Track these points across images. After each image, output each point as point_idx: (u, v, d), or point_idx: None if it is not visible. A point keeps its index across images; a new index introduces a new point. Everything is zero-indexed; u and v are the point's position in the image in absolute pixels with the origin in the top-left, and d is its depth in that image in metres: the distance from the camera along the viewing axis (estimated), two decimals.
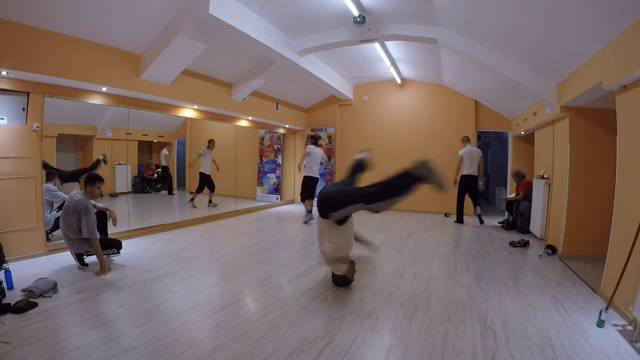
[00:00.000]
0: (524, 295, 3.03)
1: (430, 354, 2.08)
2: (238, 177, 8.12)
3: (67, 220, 3.33)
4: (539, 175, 5.15)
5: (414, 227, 6.07)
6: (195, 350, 2.06)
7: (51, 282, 2.83)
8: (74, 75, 3.86)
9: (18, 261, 3.53)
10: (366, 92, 8.41)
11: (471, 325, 2.44)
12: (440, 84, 7.66)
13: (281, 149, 8.96)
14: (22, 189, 3.68)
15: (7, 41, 3.30)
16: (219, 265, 3.75)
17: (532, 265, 3.97)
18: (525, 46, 3.92)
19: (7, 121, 3.59)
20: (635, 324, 2.31)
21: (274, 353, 2.05)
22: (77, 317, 2.45)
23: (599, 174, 3.95)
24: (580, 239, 4.08)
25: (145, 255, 4.02)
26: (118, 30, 4.01)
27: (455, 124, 7.64)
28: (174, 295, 2.87)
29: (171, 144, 7.74)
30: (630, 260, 2.44)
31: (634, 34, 2.50)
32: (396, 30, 4.64)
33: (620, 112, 2.87)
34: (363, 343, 2.19)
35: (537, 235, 5.19)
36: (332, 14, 4.47)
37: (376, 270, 3.64)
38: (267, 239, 5.10)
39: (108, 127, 5.74)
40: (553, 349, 2.13)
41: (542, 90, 4.30)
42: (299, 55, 5.36)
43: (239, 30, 4.03)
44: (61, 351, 2.00)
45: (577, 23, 2.98)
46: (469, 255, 4.33)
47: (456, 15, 4.05)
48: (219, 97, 6.17)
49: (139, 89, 4.62)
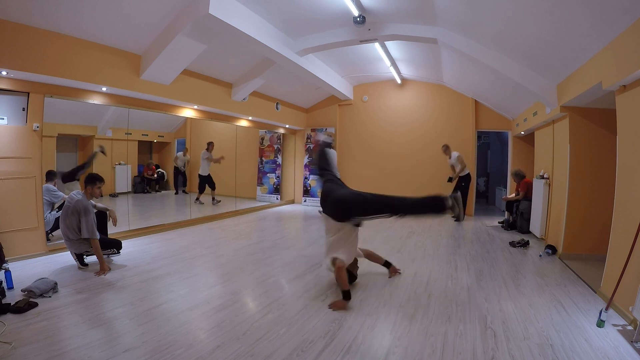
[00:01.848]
0: (524, 295, 3.03)
1: (430, 354, 2.08)
2: (238, 177, 8.13)
3: (67, 220, 3.33)
4: (539, 175, 5.15)
5: (414, 227, 6.07)
6: (195, 350, 2.06)
7: (51, 282, 2.83)
8: (74, 75, 3.86)
9: (18, 261, 3.53)
10: (366, 92, 8.41)
11: (471, 325, 2.44)
12: (440, 84, 7.66)
13: (281, 149, 8.96)
14: (22, 189, 3.68)
15: (7, 41, 3.30)
16: (219, 265, 3.75)
17: (532, 265, 3.97)
18: (525, 46, 3.92)
19: (7, 121, 3.59)
20: (635, 324, 2.31)
21: (274, 353, 2.05)
22: (77, 317, 2.45)
23: (599, 174, 3.95)
24: (580, 239, 4.08)
25: (145, 255, 4.02)
26: (118, 30, 4.01)
27: (455, 124, 7.64)
28: (174, 295, 2.87)
29: (188, 149, 7.79)
30: (630, 260, 2.44)
31: (634, 34, 2.50)
32: (396, 30, 4.63)
33: (620, 112, 2.86)
34: (363, 343, 2.19)
35: (537, 235, 5.19)
36: (332, 14, 4.47)
37: (376, 270, 3.64)
38: (267, 239, 5.10)
39: (108, 127, 5.74)
40: (553, 349, 2.13)
41: (542, 90, 4.30)
42: (299, 55, 5.36)
43: (239, 30, 4.03)
44: (61, 351, 2.00)
45: (577, 23, 2.97)
46: (469, 255, 4.33)
47: (456, 15, 4.05)
48: (219, 97, 6.16)
49: (139, 89, 4.62)
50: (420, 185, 7.88)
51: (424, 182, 7.86)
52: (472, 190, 7.55)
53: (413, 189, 7.94)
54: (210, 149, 7.28)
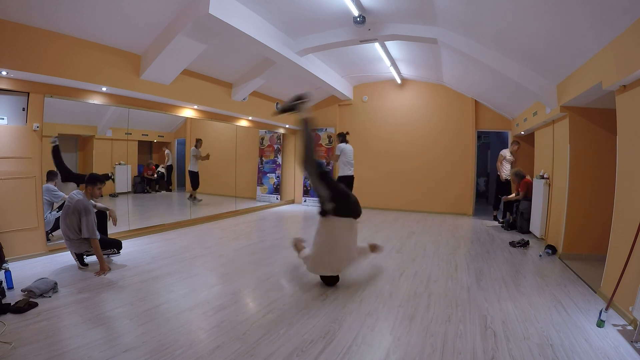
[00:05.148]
0: (524, 295, 3.03)
1: (430, 354, 2.08)
2: (238, 177, 8.12)
3: (67, 220, 3.33)
4: (539, 175, 5.15)
5: (414, 227, 6.07)
6: (195, 350, 2.06)
7: (51, 282, 2.83)
8: (74, 75, 3.86)
9: (18, 261, 3.53)
10: (366, 92, 8.41)
11: (471, 325, 2.44)
12: (440, 84, 7.66)
13: (281, 149, 8.96)
14: (22, 189, 3.68)
15: (7, 41, 3.31)
16: (219, 265, 3.75)
17: (532, 265, 3.97)
18: (525, 46, 3.92)
19: (7, 121, 3.59)
20: (635, 324, 2.31)
21: (274, 353, 2.05)
22: (77, 317, 2.44)
23: (599, 174, 3.94)
24: (580, 239, 4.08)
25: (145, 255, 4.02)
26: (118, 30, 4.01)
27: (455, 124, 7.64)
28: (174, 295, 2.87)
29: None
30: (630, 260, 2.44)
31: (634, 34, 2.50)
32: (396, 30, 4.63)
33: (620, 112, 2.86)
34: (363, 343, 2.19)
35: (537, 235, 5.19)
36: (332, 14, 4.47)
37: (376, 270, 3.64)
38: (267, 239, 5.10)
39: (108, 127, 5.74)
40: (553, 349, 2.13)
41: (542, 90, 4.30)
42: (299, 55, 5.36)
43: (238, 30, 4.03)
44: (61, 351, 2.00)
45: (577, 23, 2.97)
46: (469, 255, 4.33)
47: (456, 15, 4.05)
48: (219, 97, 6.16)
49: (139, 89, 4.62)
50: (420, 185, 7.89)
51: (424, 181, 7.87)
52: (472, 190, 7.56)
53: (413, 188, 7.95)
54: (199, 146, 7.25)
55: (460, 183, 7.60)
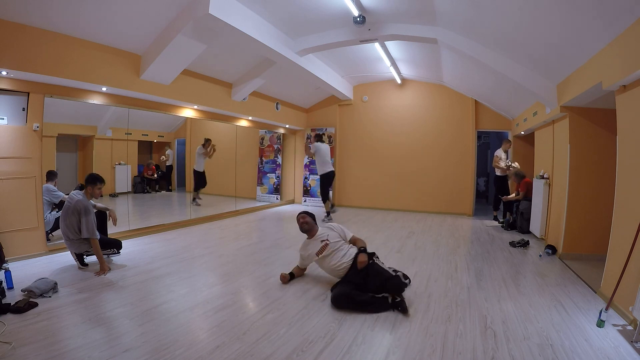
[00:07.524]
0: (524, 295, 3.03)
1: (430, 354, 2.08)
2: (238, 177, 8.12)
3: (67, 220, 3.33)
4: (539, 175, 5.15)
5: (414, 227, 6.07)
6: (195, 350, 2.06)
7: (51, 282, 2.83)
8: (74, 75, 3.86)
9: (18, 261, 3.53)
10: (366, 92, 8.41)
11: (471, 325, 2.44)
12: (440, 84, 7.66)
13: (281, 149, 8.96)
14: (22, 189, 3.67)
15: (7, 41, 3.30)
16: (219, 265, 3.75)
17: (532, 265, 3.97)
18: (525, 46, 3.92)
19: (7, 121, 3.59)
20: (635, 324, 2.31)
21: (274, 353, 2.05)
22: (77, 317, 2.45)
23: (599, 174, 3.95)
24: (580, 239, 4.08)
25: (145, 255, 4.02)
26: (118, 30, 4.01)
27: (455, 124, 7.64)
28: (174, 295, 2.87)
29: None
30: (630, 260, 2.44)
31: (634, 34, 2.50)
32: (396, 30, 4.63)
33: (620, 112, 2.86)
34: (363, 343, 2.19)
35: (537, 235, 5.19)
36: (332, 14, 4.47)
37: None
38: (267, 239, 5.10)
39: (108, 127, 5.74)
40: (553, 349, 2.13)
41: (542, 90, 4.30)
42: (299, 55, 5.36)
43: (239, 30, 4.03)
44: (61, 351, 2.00)
45: (577, 23, 2.97)
46: (469, 255, 4.33)
47: (456, 15, 4.05)
48: (219, 97, 6.16)
49: (139, 89, 4.62)
50: (420, 185, 7.89)
51: (424, 181, 7.87)
52: (472, 190, 7.56)
53: (413, 188, 7.95)
54: (207, 146, 7.25)
55: (460, 183, 7.60)
